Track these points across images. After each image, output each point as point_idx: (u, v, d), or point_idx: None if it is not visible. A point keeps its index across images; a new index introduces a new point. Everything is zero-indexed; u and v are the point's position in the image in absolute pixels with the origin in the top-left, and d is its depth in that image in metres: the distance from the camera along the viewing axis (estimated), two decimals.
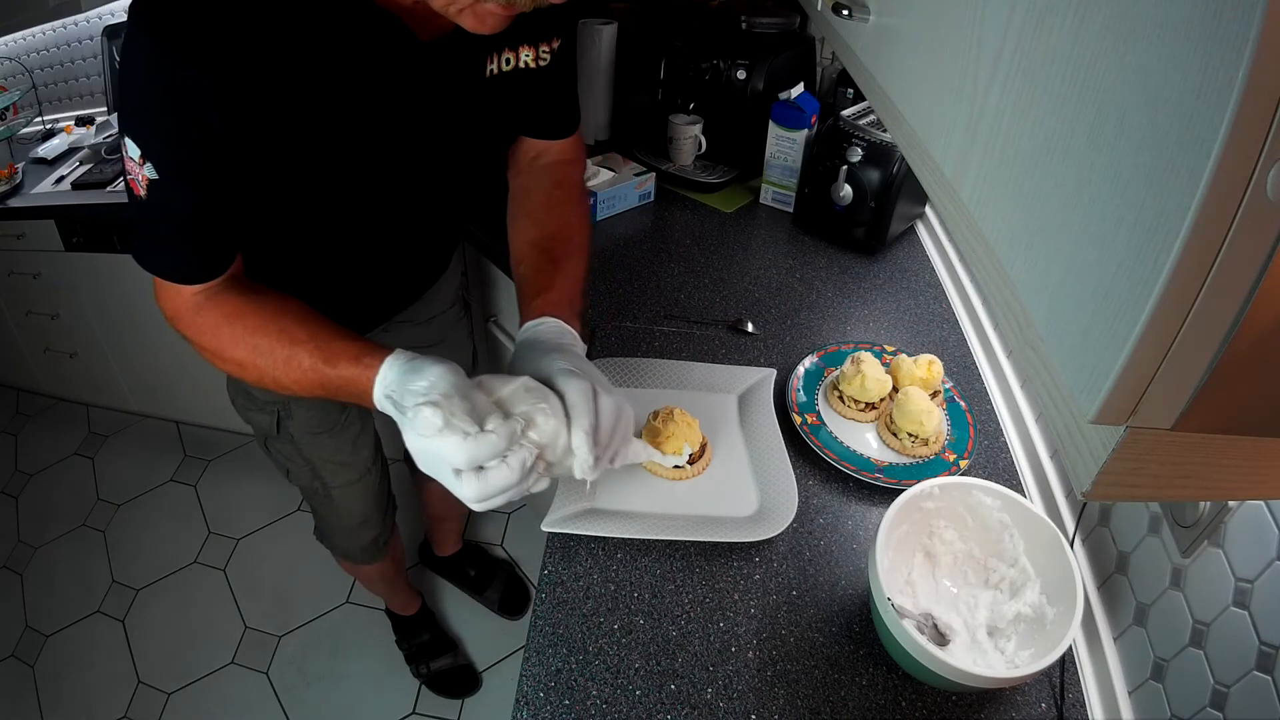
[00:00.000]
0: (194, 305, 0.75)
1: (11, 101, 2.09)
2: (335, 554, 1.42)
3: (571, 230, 0.92)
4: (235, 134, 0.68)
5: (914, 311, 1.27)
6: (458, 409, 0.62)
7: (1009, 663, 0.75)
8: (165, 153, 0.67)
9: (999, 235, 0.42)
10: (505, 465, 0.63)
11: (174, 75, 0.63)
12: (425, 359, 0.67)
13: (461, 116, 0.84)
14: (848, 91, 1.53)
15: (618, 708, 0.73)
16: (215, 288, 0.76)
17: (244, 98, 0.66)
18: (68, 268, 1.95)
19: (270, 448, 1.16)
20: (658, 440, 0.90)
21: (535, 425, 0.65)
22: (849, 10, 0.66)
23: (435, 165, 0.87)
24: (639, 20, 1.65)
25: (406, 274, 1.10)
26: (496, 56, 0.82)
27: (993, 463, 1.01)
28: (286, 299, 0.77)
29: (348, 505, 1.25)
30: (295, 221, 0.85)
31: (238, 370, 0.76)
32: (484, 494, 0.63)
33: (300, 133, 0.72)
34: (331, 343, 0.72)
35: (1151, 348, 0.29)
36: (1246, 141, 0.24)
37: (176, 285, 0.75)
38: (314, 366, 0.71)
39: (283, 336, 0.73)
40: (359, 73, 0.72)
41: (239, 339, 0.74)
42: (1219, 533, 0.64)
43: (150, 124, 0.67)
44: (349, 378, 0.70)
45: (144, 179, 0.68)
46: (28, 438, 2.42)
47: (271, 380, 0.74)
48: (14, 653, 1.84)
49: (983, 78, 0.43)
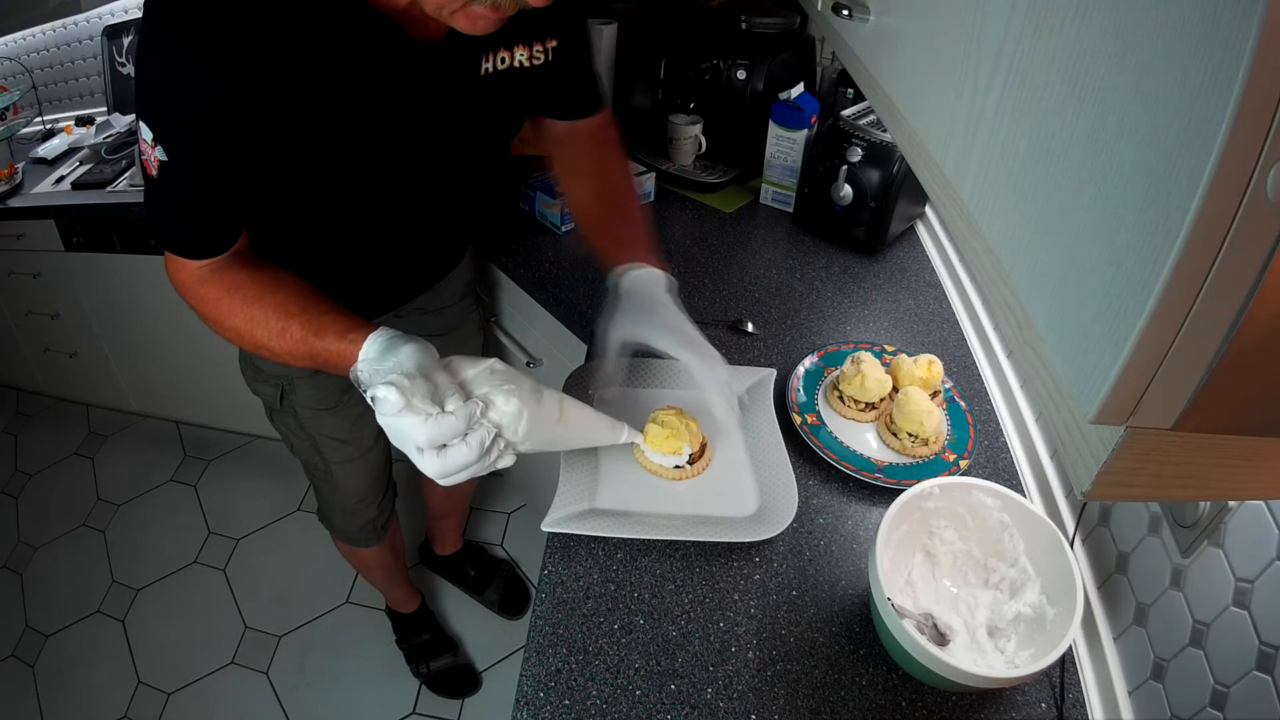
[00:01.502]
0: (199, 278, 0.80)
1: (11, 101, 2.09)
2: (334, 534, 1.44)
3: (624, 184, 1.04)
4: (237, 129, 0.71)
5: (914, 311, 1.27)
6: (419, 390, 0.65)
7: (1009, 663, 0.75)
8: (173, 139, 0.72)
9: (999, 235, 0.42)
10: (464, 444, 0.67)
11: (180, 72, 0.67)
12: (403, 337, 0.71)
13: (458, 114, 0.86)
14: (848, 91, 1.53)
15: (618, 708, 0.73)
16: (220, 262, 0.80)
17: (245, 96, 0.69)
18: (68, 268, 1.95)
19: (275, 420, 1.19)
20: (659, 440, 0.90)
21: (495, 406, 0.69)
22: (849, 10, 0.66)
23: (435, 161, 0.89)
24: (639, 20, 1.65)
25: (415, 263, 1.13)
26: (491, 56, 0.84)
27: (993, 463, 1.01)
28: (285, 275, 0.81)
29: (347, 483, 1.27)
30: (304, 211, 0.88)
31: (235, 338, 0.80)
32: (445, 471, 0.67)
33: (301, 130, 0.74)
34: (322, 316, 0.76)
35: (1151, 348, 0.29)
36: (1246, 141, 0.24)
37: (183, 259, 0.79)
38: (303, 338, 0.75)
39: (278, 309, 0.77)
40: (356, 73, 0.74)
41: (237, 309, 0.78)
42: (1219, 533, 0.64)
43: (160, 113, 0.71)
44: (334, 351, 0.73)
45: (156, 160, 0.73)
46: (28, 438, 2.42)
47: (266, 350, 0.78)
48: (14, 653, 1.84)
49: (983, 78, 0.43)
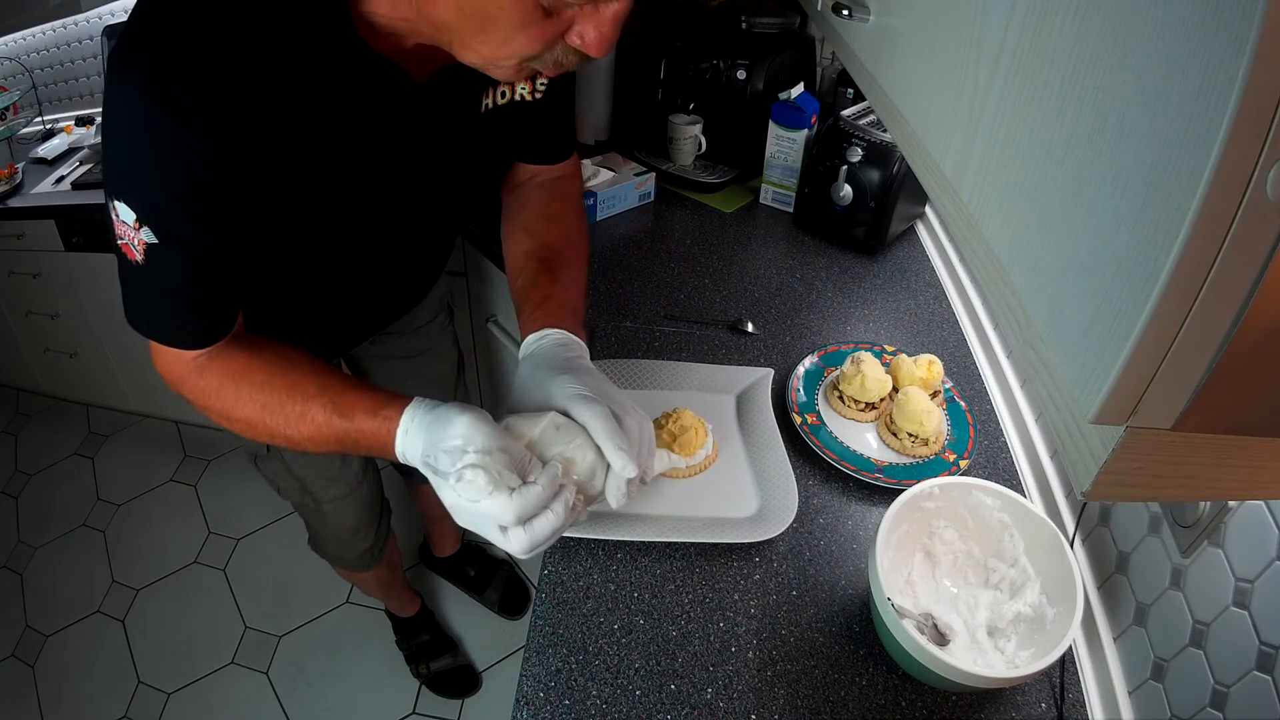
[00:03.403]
0: (196, 367, 0.72)
1: (11, 101, 2.09)
2: (330, 562, 1.42)
3: (570, 241, 0.90)
4: (234, 192, 0.65)
5: (914, 311, 1.27)
6: (500, 465, 0.60)
7: (1009, 663, 0.75)
8: (164, 216, 0.63)
9: (999, 235, 0.42)
10: (550, 513, 0.61)
11: (168, 134, 0.60)
12: (448, 407, 0.65)
13: (457, 150, 0.82)
14: (848, 91, 1.53)
15: (618, 708, 0.73)
16: (218, 346, 0.72)
17: (243, 154, 0.63)
18: (68, 268, 1.95)
19: (260, 466, 1.14)
20: (675, 444, 0.90)
21: (573, 463, 0.64)
22: (849, 10, 0.66)
23: (430, 197, 0.86)
24: (639, 20, 1.65)
25: (396, 293, 1.09)
26: (493, 91, 0.80)
27: (993, 463, 1.01)
28: (292, 351, 0.74)
29: (340, 519, 1.25)
30: (289, 252, 0.81)
31: (247, 430, 0.72)
32: (533, 544, 0.61)
33: (298, 179, 0.69)
34: (344, 394, 0.69)
35: (1151, 348, 0.29)
36: (1246, 141, 0.24)
37: (177, 350, 0.72)
38: (328, 421, 0.69)
39: (293, 391, 0.70)
40: (357, 118, 0.70)
41: (246, 397, 0.71)
42: (1219, 533, 0.64)
43: (146, 186, 0.63)
44: (367, 432, 0.67)
45: (140, 244, 0.64)
46: (28, 438, 2.42)
47: (284, 438, 0.71)
48: (14, 653, 1.84)
49: (983, 78, 0.43)
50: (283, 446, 0.73)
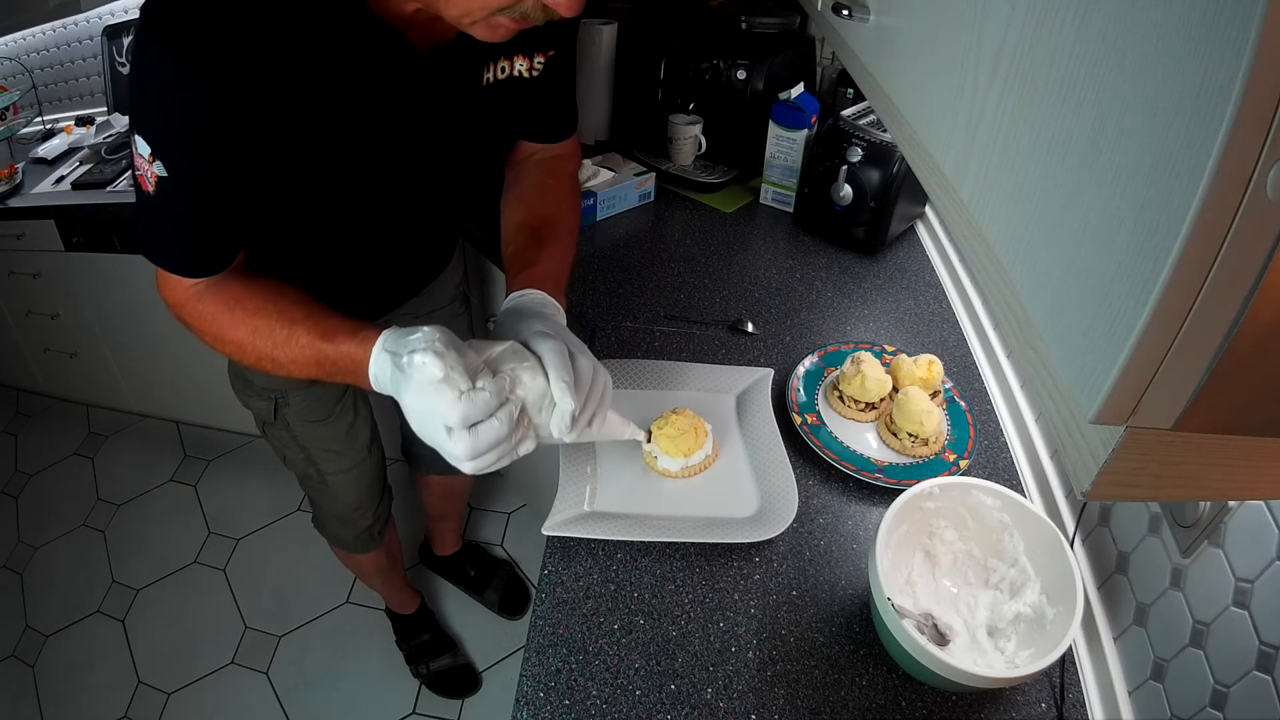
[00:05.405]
0: (196, 294, 0.78)
1: (11, 101, 2.09)
2: (330, 542, 1.44)
3: (561, 215, 0.95)
4: (238, 138, 0.69)
5: (914, 311, 1.27)
6: (454, 361, 0.64)
7: (1009, 663, 0.75)
8: (173, 153, 0.69)
9: (999, 235, 0.42)
10: (495, 420, 0.65)
11: (180, 80, 0.65)
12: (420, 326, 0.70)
13: (458, 122, 0.86)
14: (848, 91, 1.53)
15: (618, 708, 0.73)
16: (217, 277, 0.78)
17: (246, 104, 0.68)
18: (68, 268, 1.95)
19: (268, 433, 1.18)
20: (675, 444, 0.90)
21: (521, 382, 0.68)
22: (849, 10, 0.66)
23: (433, 168, 0.89)
24: (639, 20, 1.65)
25: (406, 269, 1.13)
26: (493, 65, 0.84)
27: (993, 463, 1.01)
28: (283, 284, 0.79)
29: (342, 493, 1.28)
30: (297, 217, 0.87)
31: (237, 351, 0.78)
32: (475, 450, 0.65)
33: (301, 137, 0.73)
34: (328, 319, 0.74)
35: (1151, 348, 0.29)
36: (1246, 141, 0.24)
37: (180, 277, 0.77)
38: (311, 343, 0.74)
39: (281, 317, 0.75)
40: (358, 82, 0.73)
41: (239, 322, 0.76)
42: (1219, 533, 0.64)
43: (159, 125, 0.69)
44: (345, 352, 0.72)
45: (153, 176, 0.70)
46: (28, 438, 2.42)
47: (270, 361, 0.76)
48: (14, 653, 1.84)
49: (983, 78, 0.43)
50: (269, 370, 0.78)
